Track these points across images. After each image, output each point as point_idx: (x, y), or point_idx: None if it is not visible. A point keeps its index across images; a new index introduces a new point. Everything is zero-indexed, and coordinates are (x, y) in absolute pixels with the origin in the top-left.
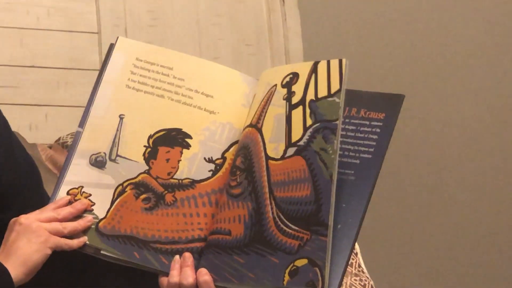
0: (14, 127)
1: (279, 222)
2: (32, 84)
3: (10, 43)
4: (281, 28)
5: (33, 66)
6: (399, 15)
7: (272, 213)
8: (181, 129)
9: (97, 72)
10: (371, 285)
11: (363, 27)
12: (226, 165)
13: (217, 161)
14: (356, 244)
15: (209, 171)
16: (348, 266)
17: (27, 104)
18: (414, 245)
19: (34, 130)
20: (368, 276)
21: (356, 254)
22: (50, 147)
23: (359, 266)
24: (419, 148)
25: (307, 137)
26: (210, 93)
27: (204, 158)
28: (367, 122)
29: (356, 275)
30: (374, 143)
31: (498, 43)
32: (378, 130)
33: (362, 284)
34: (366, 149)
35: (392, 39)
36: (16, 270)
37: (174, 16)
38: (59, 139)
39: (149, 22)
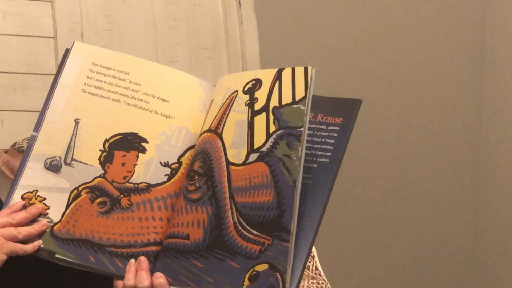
0: None
1: (240, 227)
2: None
3: None
4: (237, 31)
5: None
6: (354, 18)
7: (233, 218)
8: (137, 133)
9: (53, 77)
10: None
11: (320, 31)
12: (182, 169)
13: (173, 166)
14: (313, 247)
15: (165, 175)
16: (305, 270)
17: None
18: (371, 248)
19: None
20: (325, 279)
21: (313, 257)
22: (6, 151)
23: (316, 269)
24: (377, 151)
25: (270, 143)
26: (166, 97)
27: (160, 163)
28: (324, 127)
29: (313, 278)
30: (331, 147)
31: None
32: (335, 134)
33: (319, 287)
34: (324, 153)
35: (349, 42)
36: None
37: (130, 20)
38: (15, 144)
39: (106, 26)
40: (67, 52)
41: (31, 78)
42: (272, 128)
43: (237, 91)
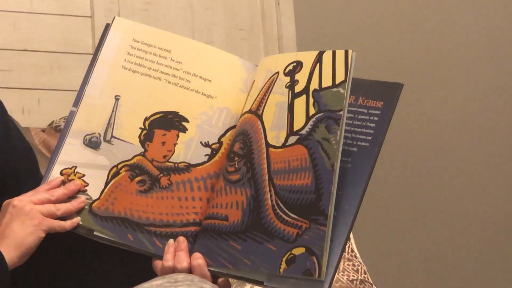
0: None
1: (278, 210)
2: (25, 68)
3: (3, 27)
4: (274, 13)
5: (26, 50)
6: (394, 1)
7: (271, 200)
8: (177, 112)
9: (91, 56)
10: (364, 270)
11: (357, 12)
12: (222, 150)
13: (214, 146)
14: None
15: (205, 155)
16: None
17: (20, 88)
18: (407, 230)
19: (26, 114)
20: (360, 261)
21: (349, 239)
22: (43, 131)
23: (352, 251)
24: (418, 137)
25: (310, 126)
26: (208, 77)
27: (201, 142)
28: (365, 110)
29: (349, 260)
30: (372, 131)
31: (500, 37)
32: (376, 118)
33: (355, 269)
34: (364, 137)
35: (388, 25)
36: (9, 253)
37: (167, 0)
38: (52, 122)
39: (142, 6)
40: (107, 27)
41: (67, 57)
42: (312, 111)
43: (278, 72)
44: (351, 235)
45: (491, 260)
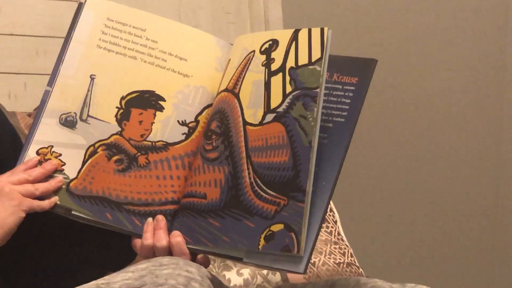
0: None
1: (256, 187)
2: (11, 52)
3: None
4: None
5: (12, 34)
6: None
7: (249, 178)
8: (154, 91)
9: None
10: (350, 253)
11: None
12: (199, 128)
13: (190, 124)
14: (336, 212)
15: (182, 134)
16: (328, 235)
17: (6, 72)
18: (393, 213)
19: (13, 98)
20: (347, 244)
21: (336, 222)
22: (30, 115)
23: (339, 234)
24: (396, 115)
25: (287, 104)
26: (183, 56)
27: (178, 121)
28: (340, 86)
29: (335, 243)
30: (347, 107)
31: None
32: (351, 94)
33: (342, 252)
34: (339, 113)
35: (374, 7)
36: None
37: None
38: (38, 107)
39: None
40: (80, 6)
41: (54, 41)
42: (289, 88)
43: (254, 51)
44: (338, 219)
45: (477, 240)
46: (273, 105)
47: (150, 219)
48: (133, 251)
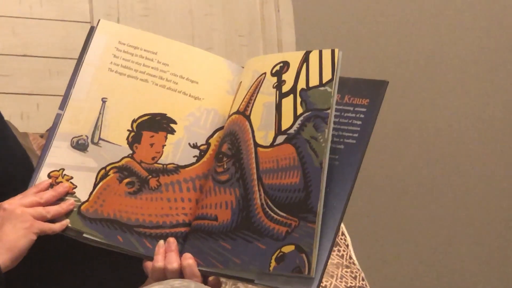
0: (5, 116)
1: (267, 209)
2: (24, 73)
3: (2, 32)
4: (274, 19)
5: (25, 55)
6: (393, 6)
7: (260, 199)
8: (165, 114)
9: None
10: (362, 277)
11: (356, 19)
12: (210, 151)
13: (202, 147)
14: (348, 236)
15: (194, 156)
16: (339, 258)
17: (19, 93)
18: (405, 237)
19: (25, 119)
20: (359, 268)
21: (348, 246)
22: (42, 136)
23: (350, 258)
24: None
25: (298, 125)
26: (195, 79)
27: (189, 144)
28: (351, 108)
29: (347, 266)
30: (358, 129)
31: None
32: (362, 115)
33: (353, 275)
34: (351, 134)
35: (385, 30)
36: (2, 256)
37: (167, 6)
38: (49, 129)
39: (142, 12)
40: (92, 30)
41: (66, 62)
42: (300, 110)
43: (265, 73)
44: (350, 242)
45: (490, 269)
46: (284, 126)
47: (161, 242)
48: (143, 274)
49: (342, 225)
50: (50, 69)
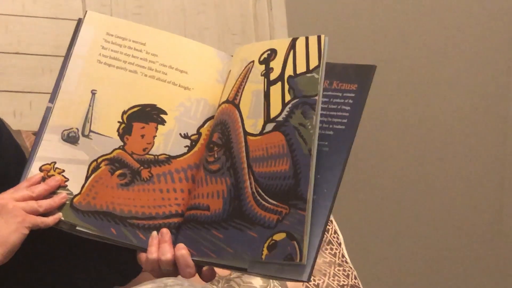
0: None
1: (258, 197)
2: (16, 71)
3: None
4: (266, 17)
5: (17, 53)
6: (386, 4)
7: (251, 188)
8: (155, 105)
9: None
10: (355, 275)
11: (350, 18)
12: (201, 140)
13: (193, 137)
14: (340, 234)
15: (185, 146)
16: (332, 256)
17: (11, 91)
18: (398, 235)
19: (18, 117)
20: (351, 266)
21: (340, 244)
22: (35, 133)
23: (343, 256)
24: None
25: (286, 113)
26: (184, 68)
27: (180, 134)
28: (340, 94)
29: (339, 265)
30: (347, 114)
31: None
32: (350, 101)
33: (346, 274)
34: (340, 120)
35: (380, 28)
36: None
37: (159, 4)
38: (40, 124)
39: (135, 10)
40: (79, 21)
41: (59, 60)
42: (288, 97)
43: (253, 61)
44: (342, 240)
45: (483, 268)
46: (273, 114)
47: (154, 233)
48: (138, 265)
49: (335, 223)
50: (43, 67)
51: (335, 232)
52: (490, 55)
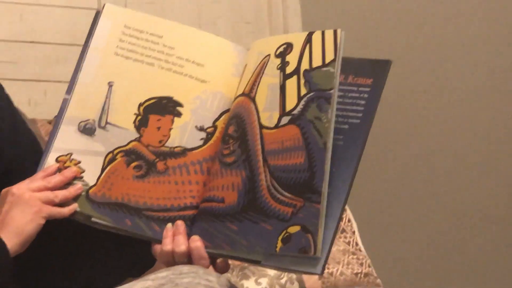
0: (13, 102)
1: (273, 190)
2: (31, 59)
3: (9, 19)
4: (280, 6)
5: (32, 42)
6: None
7: (266, 180)
8: (172, 97)
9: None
10: (368, 263)
11: (364, 6)
12: (217, 133)
13: (208, 130)
14: (354, 222)
15: (201, 139)
16: (346, 245)
17: (27, 79)
18: (411, 224)
19: (33, 105)
20: (365, 254)
21: (354, 232)
22: (50, 122)
23: (357, 244)
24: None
25: (302, 106)
26: (200, 61)
27: (196, 127)
28: (355, 88)
29: (353, 253)
30: (362, 108)
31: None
32: (366, 95)
33: (360, 262)
34: (355, 114)
35: (392, 17)
36: (10, 241)
37: None
38: (57, 115)
39: (149, 0)
40: (97, 14)
41: (74, 49)
42: (303, 91)
43: (269, 55)
44: (356, 229)
45: (493, 254)
46: (288, 107)
47: (169, 225)
48: (152, 257)
49: (349, 211)
50: (58, 56)
51: (349, 220)
52: (506, 51)
